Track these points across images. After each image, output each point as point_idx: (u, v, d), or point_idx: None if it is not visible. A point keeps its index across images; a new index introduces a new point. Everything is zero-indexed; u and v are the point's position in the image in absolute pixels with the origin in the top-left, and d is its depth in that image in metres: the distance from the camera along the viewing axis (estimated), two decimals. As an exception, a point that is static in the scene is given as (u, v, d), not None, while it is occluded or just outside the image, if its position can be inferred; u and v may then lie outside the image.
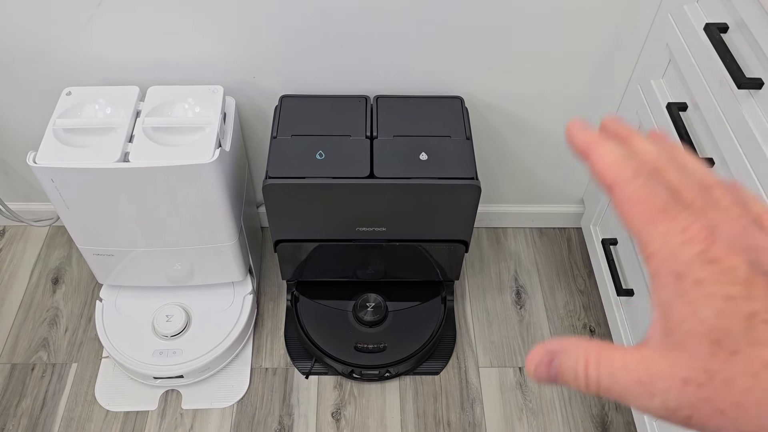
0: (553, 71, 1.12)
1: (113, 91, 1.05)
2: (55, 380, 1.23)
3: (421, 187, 0.99)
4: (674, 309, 0.21)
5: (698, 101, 0.87)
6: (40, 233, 1.45)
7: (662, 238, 0.21)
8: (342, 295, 1.26)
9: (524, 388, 1.24)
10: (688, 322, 0.20)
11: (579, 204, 1.44)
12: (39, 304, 1.34)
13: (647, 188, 0.22)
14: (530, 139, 1.26)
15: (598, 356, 0.22)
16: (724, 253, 0.20)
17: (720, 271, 0.20)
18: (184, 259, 1.15)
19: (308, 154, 1.01)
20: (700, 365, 0.20)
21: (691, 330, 0.20)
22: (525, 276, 1.41)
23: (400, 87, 1.13)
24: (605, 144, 0.24)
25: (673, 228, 0.21)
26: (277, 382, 1.24)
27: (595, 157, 0.24)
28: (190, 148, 0.98)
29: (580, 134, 0.25)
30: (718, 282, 0.20)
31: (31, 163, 0.95)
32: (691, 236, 0.21)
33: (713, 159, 0.85)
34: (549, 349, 0.24)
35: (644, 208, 0.22)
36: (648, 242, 0.22)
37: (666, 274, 0.21)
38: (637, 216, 0.22)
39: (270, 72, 1.11)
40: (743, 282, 0.20)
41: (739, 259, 0.20)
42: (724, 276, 0.20)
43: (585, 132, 0.25)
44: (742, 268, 0.20)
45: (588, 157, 0.24)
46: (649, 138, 0.25)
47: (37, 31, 1.03)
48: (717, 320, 0.20)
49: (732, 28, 0.81)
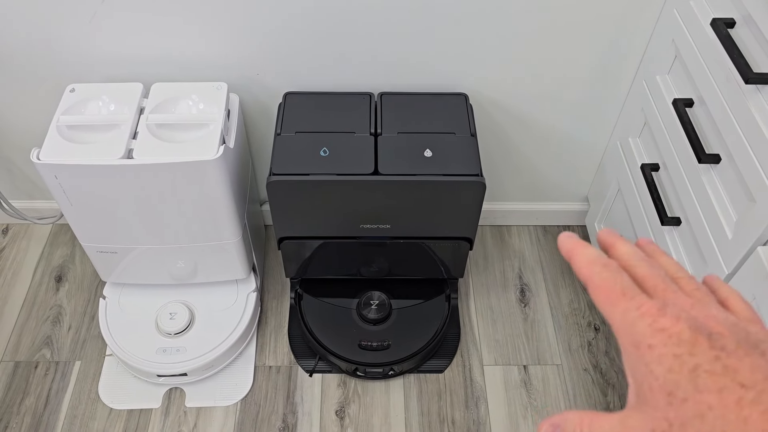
0: (558, 67, 1.11)
1: (117, 87, 1.05)
2: (59, 378, 1.23)
3: (426, 184, 0.99)
4: (637, 372, 0.25)
5: (705, 97, 0.87)
6: (43, 231, 1.45)
7: (622, 315, 0.26)
8: (346, 293, 1.25)
9: (529, 386, 1.23)
10: (647, 381, 0.24)
11: (583, 202, 1.43)
12: (42, 302, 1.34)
13: (611, 278, 0.27)
14: (535, 136, 1.26)
15: (591, 422, 0.26)
16: (670, 323, 0.24)
17: (667, 336, 0.24)
18: (187, 256, 1.15)
19: (312, 151, 1.01)
20: (661, 415, 0.23)
21: (650, 386, 0.24)
22: (529, 274, 1.41)
23: (404, 84, 1.13)
24: (585, 248, 0.29)
25: (630, 307, 0.26)
26: (280, 380, 1.23)
27: (576, 258, 0.29)
28: (193, 145, 0.97)
29: (567, 241, 0.30)
30: (666, 345, 0.24)
31: (35, 160, 0.95)
32: (644, 312, 0.25)
33: (720, 155, 0.84)
34: (552, 422, 0.28)
35: (608, 294, 0.27)
36: (613, 321, 0.27)
37: (628, 345, 0.25)
38: (603, 300, 0.27)
39: (274, 69, 1.11)
40: (687, 342, 0.24)
41: (683, 325, 0.24)
42: (670, 339, 0.24)
43: (570, 240, 0.30)
44: (686, 332, 0.24)
45: (571, 258, 0.30)
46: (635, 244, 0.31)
47: (41, 28, 1.03)
48: (668, 375, 0.23)
49: (739, 23, 0.81)
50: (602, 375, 1.25)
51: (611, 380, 1.24)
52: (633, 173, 1.11)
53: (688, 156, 0.90)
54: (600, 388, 1.23)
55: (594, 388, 1.23)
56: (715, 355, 0.23)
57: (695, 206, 0.90)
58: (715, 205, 0.85)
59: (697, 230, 0.90)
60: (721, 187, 0.85)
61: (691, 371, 0.23)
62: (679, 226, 0.97)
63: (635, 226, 1.11)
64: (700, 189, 0.88)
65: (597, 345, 1.29)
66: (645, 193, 1.04)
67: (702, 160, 0.85)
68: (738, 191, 0.81)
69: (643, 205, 1.07)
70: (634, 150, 1.11)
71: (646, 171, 1.03)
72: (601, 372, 1.25)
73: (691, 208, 0.91)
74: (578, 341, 1.30)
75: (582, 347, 1.29)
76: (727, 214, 0.83)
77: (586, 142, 1.27)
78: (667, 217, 0.97)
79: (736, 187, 0.81)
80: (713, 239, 0.85)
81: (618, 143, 1.19)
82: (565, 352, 1.28)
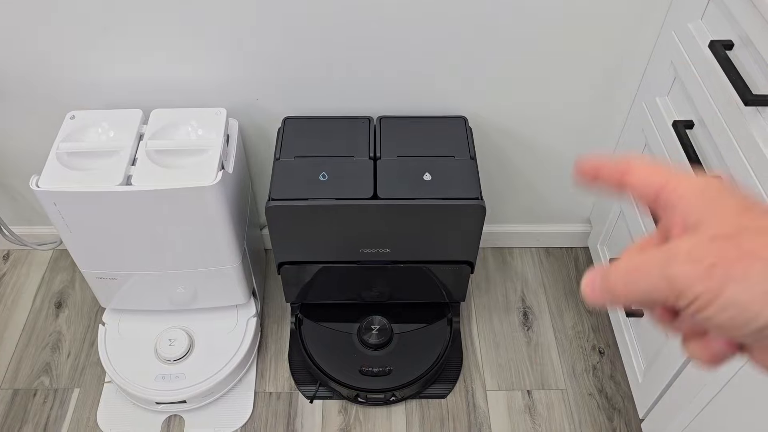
0: (557, 90, 1.11)
1: (117, 114, 1.05)
2: (57, 406, 1.21)
3: (425, 208, 0.98)
4: (704, 208, 0.25)
5: (705, 119, 0.86)
6: (43, 257, 1.45)
7: (679, 174, 0.28)
8: (346, 318, 1.24)
9: (533, 411, 1.21)
10: (720, 204, 0.25)
11: (586, 223, 1.42)
12: (42, 328, 1.33)
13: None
14: (535, 158, 1.25)
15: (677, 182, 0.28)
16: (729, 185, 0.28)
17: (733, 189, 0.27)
18: (187, 282, 1.14)
19: (311, 175, 1.01)
20: (731, 222, 0.24)
21: (722, 208, 0.25)
22: (532, 297, 1.39)
23: (403, 107, 1.13)
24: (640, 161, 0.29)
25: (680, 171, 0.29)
26: (281, 406, 1.22)
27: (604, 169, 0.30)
28: (192, 171, 0.97)
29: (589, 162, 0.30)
30: (734, 194, 0.26)
31: (34, 187, 0.95)
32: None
33: (721, 177, 0.84)
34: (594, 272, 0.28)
35: (659, 168, 0.29)
36: (670, 179, 0.28)
37: (693, 191, 0.27)
38: (655, 170, 0.29)
39: (273, 94, 1.11)
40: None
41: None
42: (736, 190, 0.27)
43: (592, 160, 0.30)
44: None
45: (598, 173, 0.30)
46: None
47: (41, 56, 1.04)
48: (743, 200, 0.25)
49: (737, 45, 0.80)
50: (608, 400, 1.23)
51: (617, 405, 1.22)
52: (634, 195, 1.10)
53: (689, 178, 0.89)
54: (606, 413, 1.21)
55: (600, 414, 1.21)
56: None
57: (698, 229, 0.88)
58: (717, 227, 0.84)
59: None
60: (723, 209, 0.84)
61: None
62: (682, 249, 0.95)
63: (638, 249, 1.10)
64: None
65: (602, 369, 1.27)
66: (647, 217, 1.03)
67: (703, 182, 0.84)
68: (740, 214, 0.80)
69: (646, 229, 1.06)
70: (636, 172, 1.10)
71: (647, 193, 1.02)
72: (606, 396, 1.23)
73: (693, 230, 0.90)
74: (583, 365, 1.28)
75: (587, 371, 1.27)
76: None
77: (587, 164, 1.26)
78: (670, 240, 0.95)
79: (738, 210, 0.80)
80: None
81: (619, 165, 1.18)
82: (569, 376, 1.26)
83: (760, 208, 0.24)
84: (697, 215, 0.25)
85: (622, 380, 1.25)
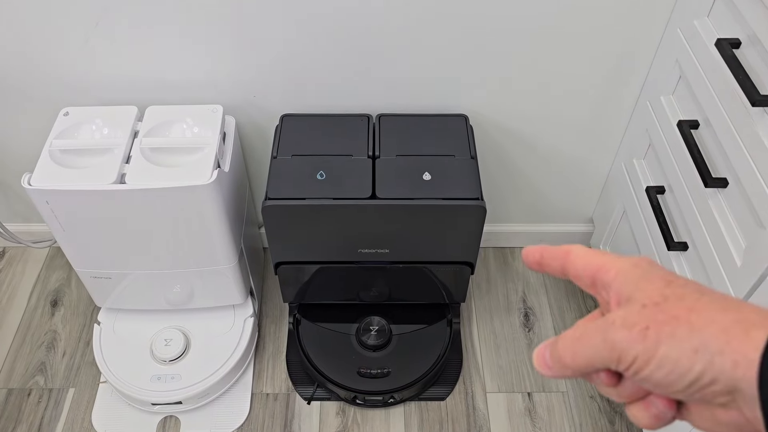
0: (560, 88, 1.09)
1: (111, 111, 1.03)
2: (52, 406, 1.20)
3: (425, 208, 0.96)
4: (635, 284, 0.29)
5: (710, 119, 0.84)
6: (39, 254, 1.44)
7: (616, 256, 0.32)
8: (345, 318, 1.22)
9: (533, 414, 1.20)
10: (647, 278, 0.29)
11: (588, 223, 1.40)
12: (37, 327, 1.32)
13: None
14: (538, 157, 1.23)
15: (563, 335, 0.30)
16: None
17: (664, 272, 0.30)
18: (183, 281, 1.12)
19: (309, 174, 0.99)
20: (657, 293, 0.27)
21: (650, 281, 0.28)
22: (533, 297, 1.37)
23: (403, 105, 1.11)
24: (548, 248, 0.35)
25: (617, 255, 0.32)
26: (278, 408, 1.20)
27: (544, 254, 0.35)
28: (187, 169, 0.96)
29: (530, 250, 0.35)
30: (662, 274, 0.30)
31: (26, 185, 0.93)
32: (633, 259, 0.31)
33: (727, 179, 0.82)
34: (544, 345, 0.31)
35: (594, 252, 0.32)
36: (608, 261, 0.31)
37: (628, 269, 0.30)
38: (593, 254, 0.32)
39: (271, 91, 1.09)
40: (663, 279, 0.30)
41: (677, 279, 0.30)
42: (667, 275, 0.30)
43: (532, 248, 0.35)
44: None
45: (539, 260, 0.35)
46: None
47: (35, 52, 1.02)
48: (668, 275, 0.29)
49: (745, 44, 0.78)
50: (609, 403, 1.21)
51: (619, 408, 1.20)
52: (638, 196, 1.08)
53: (694, 179, 0.88)
54: (607, 416, 1.19)
55: (601, 417, 1.19)
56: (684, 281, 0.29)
57: (702, 231, 0.87)
58: (723, 230, 0.82)
59: (705, 256, 0.86)
60: (728, 212, 0.82)
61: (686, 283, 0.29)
62: (686, 252, 0.94)
63: (641, 250, 1.08)
64: (707, 214, 0.85)
65: (603, 371, 1.25)
66: (650, 217, 1.01)
67: (708, 183, 0.82)
68: (746, 216, 0.78)
69: (649, 228, 1.04)
70: (639, 172, 1.08)
71: (651, 194, 1.00)
72: (608, 399, 1.21)
73: (698, 233, 0.88)
74: (584, 367, 1.26)
75: (588, 373, 1.25)
76: (735, 240, 0.80)
77: (590, 164, 1.25)
78: (674, 242, 0.94)
79: (744, 213, 0.79)
80: (721, 266, 0.82)
81: (623, 165, 1.16)
82: (570, 378, 1.24)
83: (679, 281, 0.28)
84: (629, 290, 0.29)
85: (623, 383, 1.23)
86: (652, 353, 0.26)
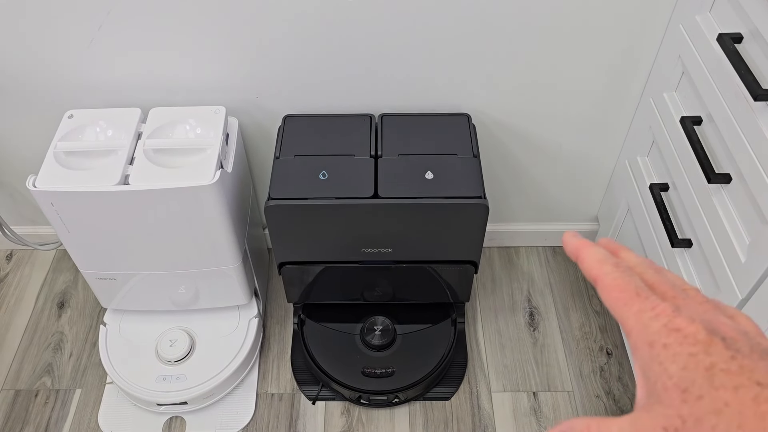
0: (562, 85, 1.09)
1: (115, 113, 1.04)
2: (59, 407, 1.21)
3: (427, 207, 0.96)
4: (650, 371, 0.25)
5: (713, 114, 0.84)
6: (46, 257, 1.45)
7: (636, 316, 0.26)
8: (349, 318, 1.22)
9: (539, 413, 1.19)
10: (661, 379, 0.24)
11: (593, 222, 1.40)
12: (44, 328, 1.33)
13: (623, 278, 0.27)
14: (541, 156, 1.23)
15: (598, 425, 0.26)
16: (685, 324, 0.25)
17: (682, 336, 0.24)
18: (187, 282, 1.13)
19: (311, 174, 0.99)
20: (674, 413, 0.24)
21: (664, 384, 0.24)
22: (538, 297, 1.37)
23: (405, 104, 1.11)
24: (592, 247, 0.30)
25: (645, 307, 0.26)
26: (283, 408, 1.20)
27: (583, 256, 0.30)
28: (190, 170, 0.96)
29: (572, 240, 0.31)
30: (681, 344, 0.24)
31: (31, 187, 0.94)
32: (659, 312, 0.25)
33: (730, 175, 0.81)
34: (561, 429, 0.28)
35: (621, 294, 0.27)
36: (626, 321, 0.26)
37: (642, 344, 0.26)
38: (616, 301, 0.27)
39: (273, 92, 1.10)
40: (702, 342, 0.24)
41: (698, 326, 0.24)
42: (685, 339, 0.24)
43: (576, 239, 0.31)
44: (701, 332, 0.24)
45: (578, 257, 0.30)
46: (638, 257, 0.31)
47: (39, 55, 1.03)
48: (683, 373, 0.24)
49: (746, 38, 0.78)
50: (615, 402, 1.20)
51: (625, 407, 1.20)
52: (642, 193, 1.08)
53: (697, 175, 0.87)
54: (613, 415, 1.18)
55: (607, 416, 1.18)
56: (730, 355, 0.23)
57: (706, 228, 0.86)
58: (726, 226, 0.81)
59: (709, 253, 0.86)
60: (732, 208, 0.82)
61: (707, 369, 0.23)
62: (690, 249, 0.93)
63: (645, 248, 1.08)
64: (710, 210, 0.85)
65: (609, 370, 1.25)
66: (654, 214, 1.00)
67: (712, 179, 0.82)
68: (750, 212, 0.78)
69: (653, 225, 1.03)
70: (643, 169, 1.08)
71: (655, 191, 1.00)
72: (614, 399, 1.21)
73: (702, 229, 0.88)
74: (590, 366, 1.25)
75: (594, 372, 1.24)
76: (739, 237, 0.80)
77: (593, 161, 1.24)
78: (678, 239, 0.93)
79: (748, 208, 0.78)
80: (726, 263, 0.82)
81: (626, 162, 1.16)
82: (576, 377, 1.24)
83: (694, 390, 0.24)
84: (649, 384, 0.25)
85: (630, 382, 1.22)
86: None
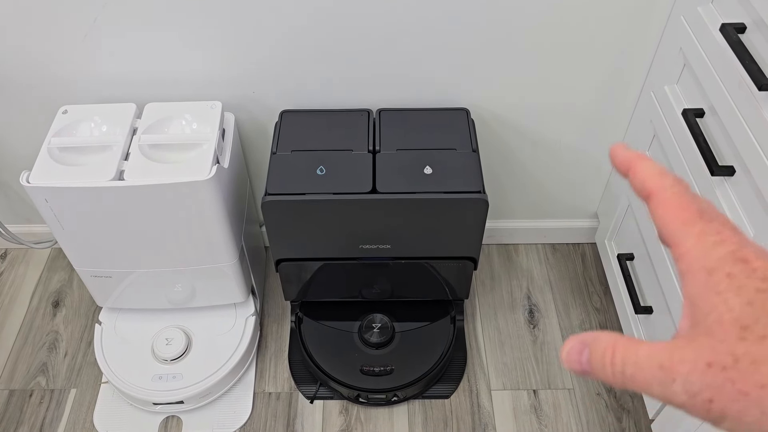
0: (562, 80, 1.08)
1: (110, 108, 1.03)
2: (54, 407, 1.19)
3: (426, 202, 0.95)
4: (704, 301, 0.23)
5: (716, 106, 0.83)
6: (41, 255, 1.43)
7: (697, 237, 0.24)
8: (347, 316, 1.21)
9: (539, 411, 1.18)
10: (717, 311, 0.22)
11: (593, 218, 1.39)
12: (39, 327, 1.31)
13: (687, 195, 0.25)
14: (540, 151, 1.22)
15: (625, 346, 0.24)
16: (753, 257, 0.23)
17: (750, 269, 0.22)
18: (183, 280, 1.11)
19: (309, 169, 0.98)
20: (726, 349, 0.22)
21: (720, 317, 0.22)
22: (538, 294, 1.36)
23: (403, 99, 1.10)
24: (647, 160, 0.27)
25: (708, 230, 0.24)
26: (280, 407, 1.19)
27: (638, 168, 0.27)
28: (186, 166, 0.95)
29: (623, 152, 0.28)
30: (749, 277, 0.22)
31: (25, 183, 0.93)
32: (724, 238, 0.23)
33: (734, 167, 0.80)
34: (582, 339, 0.25)
35: (681, 212, 0.25)
36: (682, 241, 0.24)
37: (698, 270, 0.23)
38: (674, 218, 0.25)
39: (270, 87, 1.08)
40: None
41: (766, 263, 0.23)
42: (754, 273, 0.22)
43: (627, 150, 0.28)
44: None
45: (630, 169, 0.28)
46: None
47: (32, 50, 1.02)
48: (747, 308, 0.22)
49: (750, 28, 0.77)
50: (616, 400, 1.19)
51: (626, 405, 1.18)
52: (643, 188, 1.07)
53: (700, 168, 0.86)
54: (614, 413, 1.18)
55: (608, 414, 1.17)
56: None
57: (709, 221, 0.85)
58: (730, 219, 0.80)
59: (712, 246, 0.85)
60: (736, 200, 0.81)
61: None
62: (693, 243, 0.92)
63: (647, 245, 1.07)
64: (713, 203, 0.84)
65: (610, 368, 1.23)
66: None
67: (715, 172, 0.81)
68: (754, 205, 0.77)
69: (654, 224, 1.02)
70: (644, 164, 1.07)
71: (656, 185, 0.99)
72: (615, 396, 1.20)
73: (704, 223, 0.86)
74: (590, 364, 1.24)
75: (595, 370, 1.23)
76: (743, 229, 0.78)
77: (593, 157, 1.23)
78: (680, 233, 0.92)
79: (752, 201, 0.77)
80: (729, 256, 0.81)
81: (627, 157, 1.15)
82: (576, 375, 1.22)
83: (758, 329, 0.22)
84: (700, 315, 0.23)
85: (631, 379, 1.21)
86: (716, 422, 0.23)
